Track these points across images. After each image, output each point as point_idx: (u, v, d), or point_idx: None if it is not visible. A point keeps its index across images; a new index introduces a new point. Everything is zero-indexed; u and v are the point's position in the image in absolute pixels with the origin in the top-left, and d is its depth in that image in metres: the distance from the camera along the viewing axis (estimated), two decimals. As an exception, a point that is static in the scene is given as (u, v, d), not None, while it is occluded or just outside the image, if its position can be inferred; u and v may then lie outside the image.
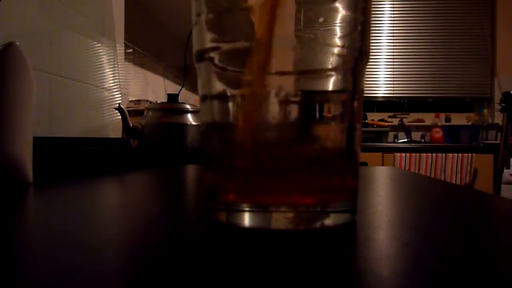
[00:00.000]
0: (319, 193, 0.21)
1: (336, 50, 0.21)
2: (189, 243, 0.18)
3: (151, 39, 1.86)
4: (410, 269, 0.15)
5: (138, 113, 1.20)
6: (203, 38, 0.22)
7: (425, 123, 2.87)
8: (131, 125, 1.00)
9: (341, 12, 0.21)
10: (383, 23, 2.87)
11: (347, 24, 0.21)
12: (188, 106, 1.04)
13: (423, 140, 2.80)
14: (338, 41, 0.21)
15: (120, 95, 1.28)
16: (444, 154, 2.26)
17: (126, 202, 0.32)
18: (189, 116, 1.02)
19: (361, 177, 0.32)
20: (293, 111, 0.21)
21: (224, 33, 0.22)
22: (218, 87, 0.22)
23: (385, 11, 2.87)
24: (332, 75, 0.21)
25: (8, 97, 0.37)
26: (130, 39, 1.51)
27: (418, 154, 2.26)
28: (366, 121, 2.75)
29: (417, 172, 2.20)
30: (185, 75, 1.20)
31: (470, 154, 2.25)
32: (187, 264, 0.15)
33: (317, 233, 0.20)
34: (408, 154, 2.27)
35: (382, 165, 2.25)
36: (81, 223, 0.22)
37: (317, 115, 0.22)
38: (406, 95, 2.88)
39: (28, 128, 0.38)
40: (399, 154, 2.28)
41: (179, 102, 1.07)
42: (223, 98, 0.22)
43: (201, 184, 0.42)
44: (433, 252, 0.17)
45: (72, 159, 0.56)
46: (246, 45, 0.21)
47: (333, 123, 0.22)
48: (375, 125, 2.78)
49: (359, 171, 0.24)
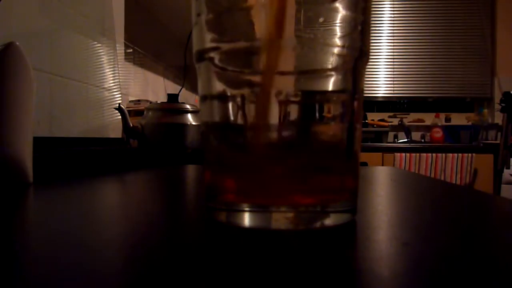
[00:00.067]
0: (319, 193, 0.21)
1: (336, 50, 0.21)
2: (189, 243, 0.18)
3: (151, 39, 1.86)
4: (410, 269, 0.15)
5: (138, 113, 1.20)
6: (203, 38, 0.22)
7: (425, 123, 2.87)
8: (131, 125, 1.00)
9: (341, 12, 0.21)
10: (383, 23, 2.87)
11: (347, 24, 0.21)
12: (188, 106, 1.04)
13: (423, 140, 2.80)
14: (338, 41, 0.21)
15: (120, 95, 1.28)
16: (444, 154, 2.26)
17: (126, 202, 0.32)
18: (189, 116, 1.02)
19: (361, 177, 0.32)
20: (293, 111, 0.21)
21: (224, 33, 0.22)
22: (218, 87, 0.22)
23: (385, 11, 2.87)
24: (332, 75, 0.21)
25: (8, 97, 0.37)
26: (130, 39, 1.51)
27: (418, 154, 2.26)
28: (366, 121, 2.75)
29: (417, 172, 2.20)
30: (185, 75, 1.20)
31: (470, 154, 2.25)
32: (187, 264, 0.15)
33: (317, 233, 0.20)
34: (408, 154, 2.27)
35: (382, 165, 2.25)
36: (81, 223, 0.22)
37: (317, 115, 0.22)
38: (406, 95, 2.88)
39: (28, 128, 0.38)
40: (399, 154, 2.28)
41: (179, 102, 1.07)
42: (223, 98, 0.22)
43: (201, 184, 0.42)
44: (433, 252, 0.17)
45: (72, 159, 0.56)
46: (246, 45, 0.21)
47: (333, 123, 0.22)
48: (375, 125, 2.78)
49: (359, 171, 0.24)
